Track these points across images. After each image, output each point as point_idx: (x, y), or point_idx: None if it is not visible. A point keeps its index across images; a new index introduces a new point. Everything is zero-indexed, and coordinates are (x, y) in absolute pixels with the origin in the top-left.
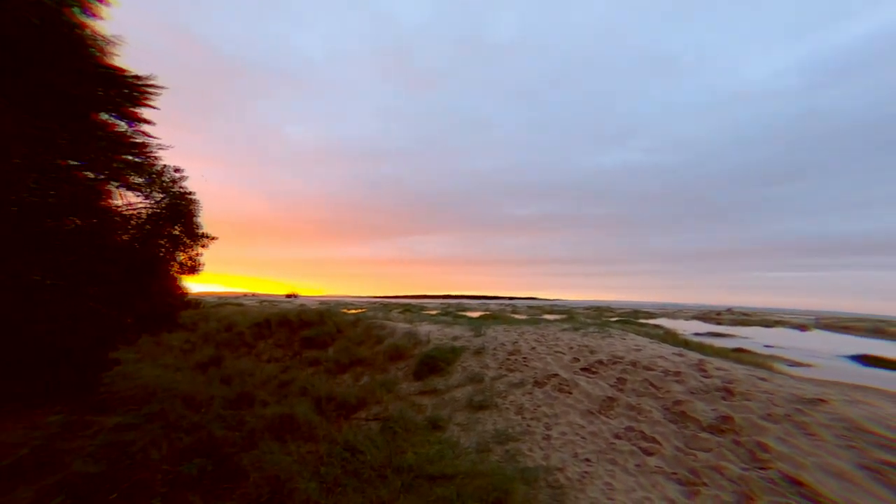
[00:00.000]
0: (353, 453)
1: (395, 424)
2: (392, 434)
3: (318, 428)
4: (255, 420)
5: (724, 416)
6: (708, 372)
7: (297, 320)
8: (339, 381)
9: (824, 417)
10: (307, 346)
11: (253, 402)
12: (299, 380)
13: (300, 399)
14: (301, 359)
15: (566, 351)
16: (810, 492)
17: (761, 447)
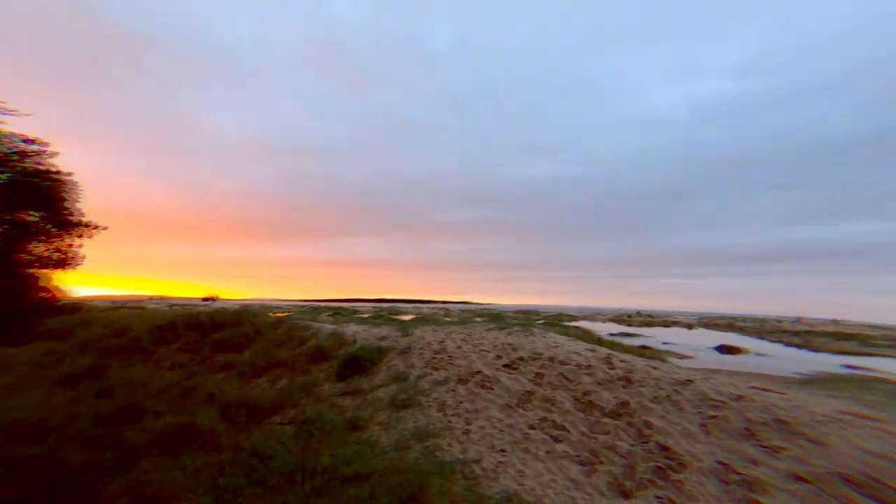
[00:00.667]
0: (260, 460)
1: (311, 427)
2: (308, 437)
3: (222, 436)
4: (139, 435)
5: (622, 401)
6: (613, 364)
7: (208, 322)
8: (254, 385)
9: (689, 394)
10: (219, 350)
11: (142, 415)
12: (206, 386)
13: (205, 407)
14: (212, 363)
15: (490, 349)
16: (672, 453)
17: (647, 425)
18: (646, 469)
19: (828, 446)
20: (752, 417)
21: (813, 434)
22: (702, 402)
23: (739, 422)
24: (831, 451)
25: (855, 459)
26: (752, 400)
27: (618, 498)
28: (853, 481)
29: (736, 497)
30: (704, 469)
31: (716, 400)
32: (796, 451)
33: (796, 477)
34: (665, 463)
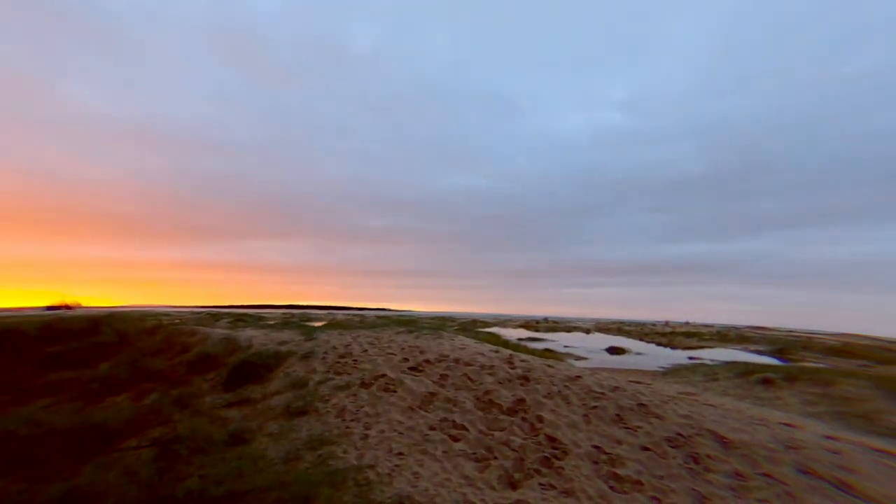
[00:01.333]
0: (88, 500)
1: (180, 446)
2: (172, 459)
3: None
4: None
5: (519, 398)
6: (514, 364)
7: (39, 332)
8: (108, 405)
9: (577, 388)
10: (55, 367)
11: None
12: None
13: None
14: (42, 385)
15: (398, 352)
16: (558, 443)
17: (538, 419)
18: (534, 460)
19: (664, 419)
20: (623, 404)
21: (658, 412)
22: (587, 394)
23: (613, 409)
24: (665, 423)
25: (676, 424)
26: (624, 390)
27: (506, 490)
28: (673, 442)
29: (602, 473)
30: (582, 454)
31: (597, 392)
32: (647, 426)
33: (643, 447)
34: (551, 452)
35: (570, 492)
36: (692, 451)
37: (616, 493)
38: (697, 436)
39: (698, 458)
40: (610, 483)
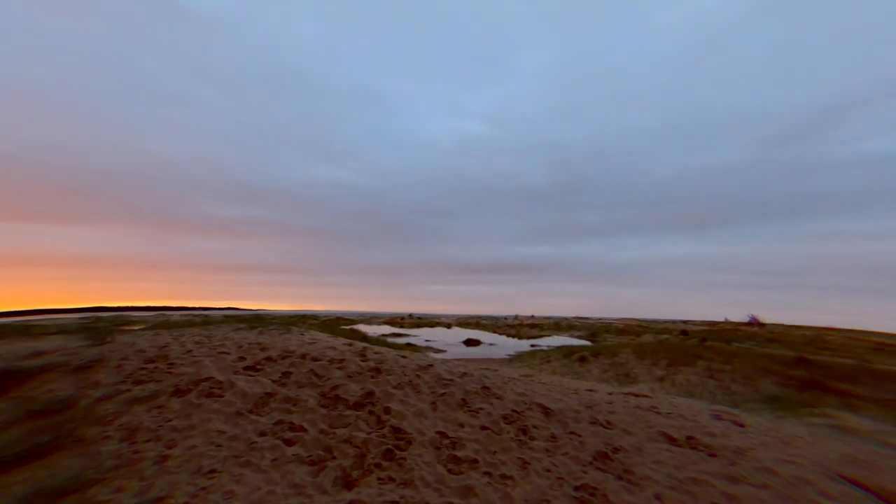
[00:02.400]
0: None
1: None
2: None
3: None
4: None
5: (368, 391)
6: (367, 357)
7: None
8: None
9: (428, 377)
10: None
11: None
12: None
13: None
14: None
15: (232, 350)
16: (403, 433)
17: (386, 410)
18: (376, 454)
19: (503, 398)
20: (469, 389)
21: (499, 392)
22: (436, 382)
23: (460, 394)
24: (504, 402)
25: (512, 402)
26: (472, 375)
27: (341, 491)
28: (508, 418)
29: (443, 458)
30: (426, 441)
31: (447, 379)
32: (488, 407)
33: (483, 427)
34: (395, 444)
35: (409, 482)
36: (523, 425)
37: (453, 475)
38: (528, 410)
39: (527, 429)
40: (449, 466)
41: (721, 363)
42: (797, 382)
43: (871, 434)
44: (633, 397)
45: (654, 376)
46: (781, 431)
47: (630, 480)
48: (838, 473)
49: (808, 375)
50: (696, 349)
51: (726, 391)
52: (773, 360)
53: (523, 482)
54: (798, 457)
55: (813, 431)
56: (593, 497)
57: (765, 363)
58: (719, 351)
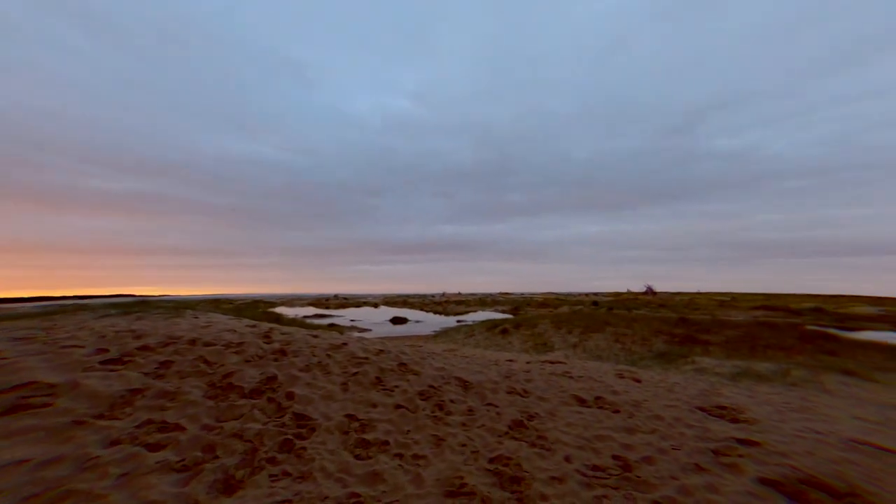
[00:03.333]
0: None
1: None
2: None
3: None
4: None
5: (270, 376)
6: (272, 338)
7: None
8: None
9: (341, 356)
10: None
11: None
12: None
13: None
14: None
15: (89, 342)
16: (306, 420)
17: (288, 396)
18: (271, 446)
19: (420, 374)
20: (384, 366)
21: (416, 368)
22: (349, 361)
23: (374, 372)
24: (421, 377)
25: (430, 378)
26: (389, 352)
27: (218, 498)
28: (425, 394)
29: (350, 443)
30: (332, 426)
31: (361, 357)
32: (404, 385)
33: (397, 406)
34: (295, 433)
35: (308, 474)
36: (440, 400)
37: (360, 461)
38: (446, 384)
39: (444, 404)
40: (356, 452)
41: (624, 328)
42: (678, 338)
43: (713, 368)
44: (549, 364)
45: (568, 343)
46: (667, 381)
47: (543, 446)
48: (697, 406)
49: (685, 332)
50: (604, 317)
51: (628, 352)
52: (663, 322)
53: (437, 460)
54: (676, 400)
55: (686, 377)
56: (507, 467)
57: (656, 325)
58: (623, 317)
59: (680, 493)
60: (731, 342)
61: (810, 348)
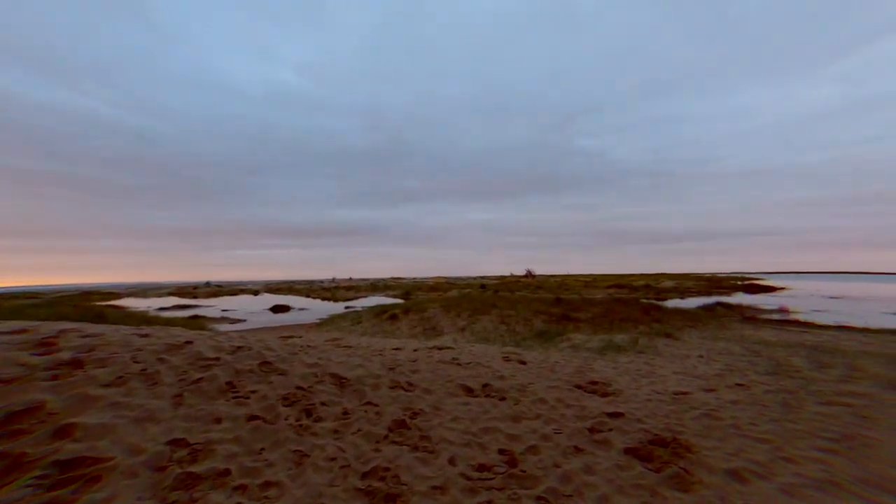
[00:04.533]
0: None
1: None
2: None
3: None
4: None
5: (31, 407)
6: (58, 345)
7: None
8: None
9: (180, 359)
10: None
11: None
12: None
13: None
14: None
15: None
16: (91, 461)
17: (62, 432)
18: None
19: (287, 374)
20: (241, 367)
21: (283, 367)
22: (191, 365)
23: (226, 376)
24: (288, 377)
25: (300, 377)
26: (250, 349)
27: None
28: (290, 398)
29: (165, 485)
30: (139, 464)
31: (210, 359)
32: (264, 389)
33: (251, 417)
34: (69, 490)
35: None
36: (308, 404)
37: None
38: (319, 384)
39: (312, 409)
40: (172, 498)
41: (508, 310)
42: (555, 318)
43: (584, 343)
44: (438, 351)
45: (457, 327)
46: (548, 360)
47: (426, 448)
48: (575, 384)
49: (561, 311)
50: (491, 299)
51: (513, 333)
52: (542, 303)
53: (294, 486)
54: (557, 380)
55: (564, 355)
56: (383, 482)
57: (536, 306)
58: (507, 300)
59: (562, 482)
60: (596, 318)
61: (647, 319)
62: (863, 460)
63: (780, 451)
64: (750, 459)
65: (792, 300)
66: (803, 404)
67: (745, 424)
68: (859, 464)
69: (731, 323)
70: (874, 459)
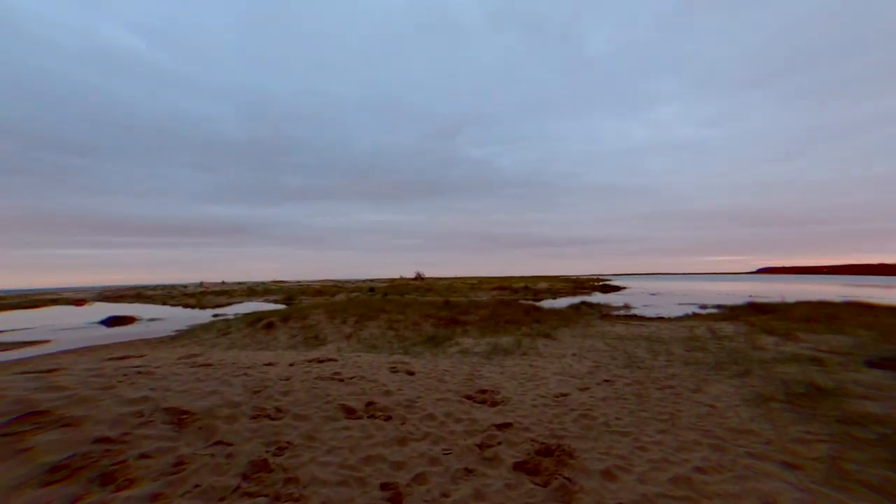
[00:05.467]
0: None
1: None
2: None
3: None
4: None
5: None
6: None
7: None
8: None
9: None
10: None
11: None
12: None
13: None
14: None
15: None
16: None
17: None
18: None
19: (79, 424)
20: None
21: (72, 413)
22: None
23: None
24: (80, 430)
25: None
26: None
27: None
28: (70, 466)
29: None
30: None
31: None
32: (24, 457)
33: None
34: None
35: None
36: (109, 467)
37: None
38: (143, 426)
39: (114, 474)
40: None
41: (397, 314)
42: (444, 321)
43: (472, 348)
44: (318, 364)
45: (342, 334)
46: (437, 369)
47: (291, 496)
48: (465, 395)
49: (450, 314)
50: (380, 304)
51: (401, 338)
52: (431, 306)
53: None
54: (447, 391)
55: (453, 361)
56: None
57: (426, 309)
58: (397, 303)
59: None
60: (483, 321)
61: (528, 320)
62: (675, 430)
63: (637, 442)
64: (617, 455)
65: (631, 298)
66: (649, 392)
67: (613, 420)
68: (674, 434)
69: (594, 320)
70: (682, 427)
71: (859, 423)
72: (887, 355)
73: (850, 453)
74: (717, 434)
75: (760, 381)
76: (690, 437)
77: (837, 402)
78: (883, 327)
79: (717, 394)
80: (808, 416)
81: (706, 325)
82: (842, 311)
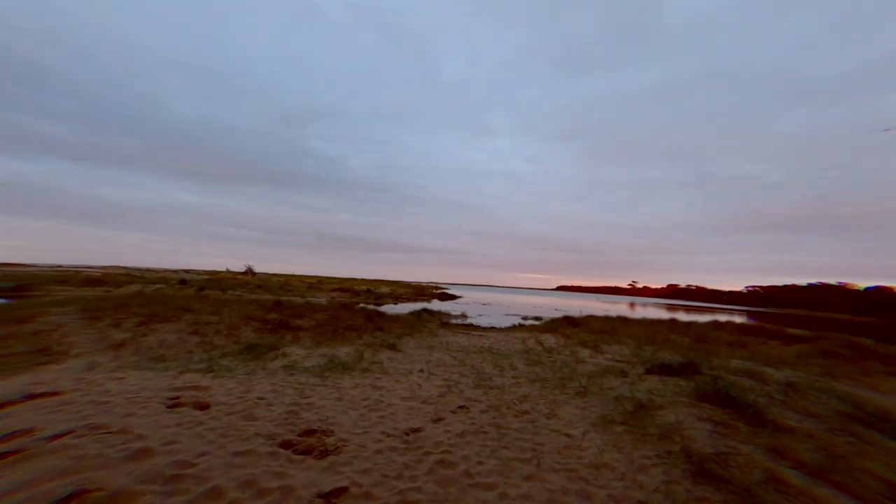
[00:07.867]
0: None
1: None
2: None
3: None
4: None
5: None
6: None
7: None
8: None
9: None
10: None
11: None
12: None
13: None
14: None
15: None
16: None
17: None
18: None
19: None
20: None
21: None
22: None
23: None
24: None
25: None
26: None
27: None
28: None
29: None
30: None
31: None
32: None
33: None
34: None
35: None
36: None
37: None
38: None
39: None
40: None
41: (210, 314)
42: (271, 325)
43: (302, 361)
44: (26, 402)
45: (106, 344)
46: (249, 398)
47: None
48: (281, 442)
49: (279, 317)
50: (185, 301)
51: (208, 346)
52: (258, 306)
53: None
54: (254, 437)
55: (274, 381)
56: None
57: (251, 309)
58: (213, 300)
59: None
60: (320, 326)
61: (370, 326)
62: (542, 473)
63: (505, 498)
64: None
65: (466, 307)
66: (507, 420)
67: (475, 466)
68: (541, 479)
69: (436, 329)
70: (547, 468)
71: (669, 437)
72: (657, 362)
73: (674, 471)
74: (580, 475)
75: (598, 400)
76: (558, 484)
77: (653, 417)
78: (636, 336)
79: (569, 418)
80: (641, 437)
81: (533, 336)
82: (616, 324)
